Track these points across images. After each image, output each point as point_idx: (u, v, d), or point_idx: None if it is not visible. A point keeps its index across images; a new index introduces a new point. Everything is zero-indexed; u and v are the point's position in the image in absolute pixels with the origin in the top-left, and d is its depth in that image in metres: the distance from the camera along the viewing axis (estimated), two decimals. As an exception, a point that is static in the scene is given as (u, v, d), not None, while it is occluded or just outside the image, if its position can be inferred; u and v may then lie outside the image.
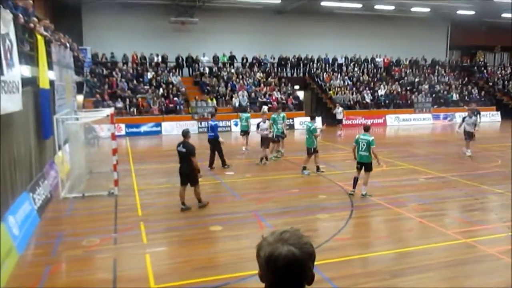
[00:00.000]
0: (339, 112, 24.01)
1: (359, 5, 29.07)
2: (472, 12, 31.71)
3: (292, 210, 9.65)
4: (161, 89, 26.14)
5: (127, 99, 24.76)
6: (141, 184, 12.19)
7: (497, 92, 34.70)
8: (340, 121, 23.95)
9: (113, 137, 11.08)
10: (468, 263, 6.86)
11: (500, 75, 36.51)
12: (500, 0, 27.08)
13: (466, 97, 32.31)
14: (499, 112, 31.90)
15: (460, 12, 31.69)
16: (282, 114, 16.81)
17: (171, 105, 25.27)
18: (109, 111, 11.69)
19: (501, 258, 6.94)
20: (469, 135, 16.26)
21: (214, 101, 26.21)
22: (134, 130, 23.57)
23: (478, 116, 18.66)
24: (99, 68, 26.69)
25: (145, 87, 26.25)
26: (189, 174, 9.44)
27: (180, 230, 8.44)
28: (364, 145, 10.41)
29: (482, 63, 38.12)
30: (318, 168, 13.36)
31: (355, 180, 10.72)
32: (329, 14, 31.20)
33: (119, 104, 23.98)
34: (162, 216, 9.35)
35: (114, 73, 26.49)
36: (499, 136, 23.68)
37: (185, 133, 9.76)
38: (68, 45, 17.57)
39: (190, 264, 6.82)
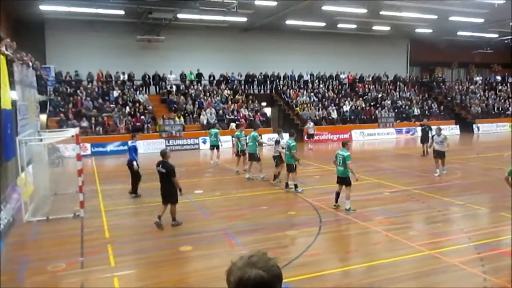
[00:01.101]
0: (310, 127, 24.72)
1: (323, 24, 29.89)
2: (430, 30, 33.22)
3: (261, 227, 9.71)
4: (127, 108, 25.83)
5: (93, 118, 24.33)
6: (108, 205, 11.97)
7: (455, 106, 36.20)
8: (311, 135, 24.71)
9: (79, 157, 10.88)
10: (433, 274, 7.08)
11: (457, 90, 38.13)
12: (455, 19, 28.48)
13: (427, 112, 33.55)
14: (458, 126, 33.25)
15: (418, 30, 33.13)
16: (242, 132, 16.59)
17: (138, 124, 24.98)
18: (74, 131, 11.48)
19: (463, 268, 7.21)
20: (438, 154, 15.28)
21: (182, 119, 26.13)
22: (100, 149, 23.12)
23: (429, 131, 19.45)
24: (63, 87, 26.18)
25: (111, 105, 25.88)
26: (167, 193, 9.52)
27: (149, 251, 8.33)
28: (340, 160, 10.72)
29: (441, 78, 39.78)
30: (287, 185, 13.47)
31: (337, 194, 11.01)
32: (294, 32, 31.92)
33: (84, 123, 23.54)
34: (130, 237, 9.21)
35: (78, 91, 26.02)
36: (459, 149, 24.62)
37: (163, 153, 9.78)
38: (30, 64, 17.23)
39: (160, 286, 6.75)
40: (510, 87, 40.32)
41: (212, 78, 30.73)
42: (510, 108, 36.77)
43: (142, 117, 25.42)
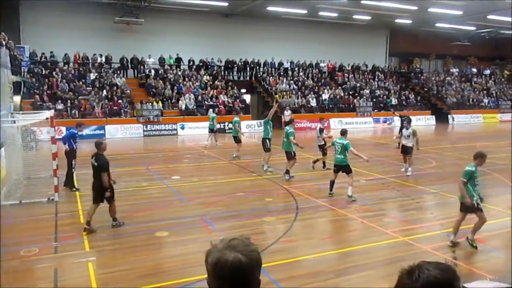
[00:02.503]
0: (287, 114, 24.82)
1: (304, 11, 29.80)
2: (410, 21, 33.52)
3: (239, 213, 9.73)
4: (104, 91, 25.38)
5: (68, 101, 23.82)
6: (83, 189, 11.76)
7: (432, 97, 36.81)
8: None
9: (53, 140, 10.65)
10: (406, 260, 7.20)
11: (434, 81, 38.76)
12: (434, 10, 28.79)
13: (404, 102, 34.03)
14: (433, 116, 33.88)
15: (398, 20, 33.40)
16: (235, 118, 17.54)
17: (115, 108, 24.60)
18: (49, 113, 11.20)
19: (435, 254, 7.38)
20: (405, 150, 13.99)
21: (160, 104, 25.84)
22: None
23: (409, 123, 19.47)
24: (38, 68, 25.49)
25: (88, 88, 25.38)
26: (100, 190, 8.40)
27: (125, 236, 8.25)
28: (339, 148, 10.74)
29: (419, 69, 40.31)
30: (287, 172, 13.13)
31: (331, 182, 11.05)
32: (276, 19, 31.76)
33: (60, 106, 23.04)
34: (106, 222, 9.06)
35: (54, 73, 25.41)
36: (434, 139, 25.17)
37: (98, 145, 8.58)
38: (4, 42, 16.68)
39: (135, 272, 6.70)
40: (485, 80, 41.21)
41: (191, 63, 30.41)
42: (484, 100, 37.62)
43: (120, 101, 25.02)
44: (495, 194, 11.90)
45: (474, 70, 42.65)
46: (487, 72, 42.63)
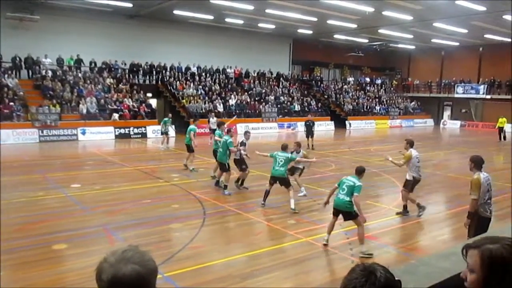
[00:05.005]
0: (213, 122, 24.62)
1: (211, 17, 29.97)
2: (310, 32, 35.37)
3: (144, 221, 9.49)
4: (-7, 93, 23.15)
5: None
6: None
7: (331, 103, 39.12)
8: (214, 130, 24.68)
9: None
10: (308, 259, 7.62)
11: (333, 89, 41.25)
12: (332, 22, 30.69)
13: (306, 108, 35.75)
14: (333, 122, 36.04)
15: (300, 30, 35.03)
16: (191, 126, 15.92)
17: (6, 111, 22.53)
18: None
19: (334, 253, 7.89)
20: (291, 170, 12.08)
21: (58, 107, 24.20)
22: (-42, 139, 20.35)
23: (313, 126, 20.67)
24: None
25: (-28, 89, 22.96)
26: None
27: (18, 251, 7.60)
28: (281, 161, 10.74)
29: (319, 77, 42.61)
30: (220, 183, 12.58)
31: (266, 193, 10.90)
32: (183, 23, 31.53)
33: None
34: (-5, 237, 8.32)
35: None
36: (334, 143, 26.80)
37: None
38: None
39: (30, 289, 6.23)
40: (376, 88, 44.85)
41: (93, 65, 28.94)
42: (376, 107, 40.90)
43: (11, 103, 22.98)
44: (385, 194, 13.09)
45: (367, 79, 46.16)
46: (379, 81, 46.40)
